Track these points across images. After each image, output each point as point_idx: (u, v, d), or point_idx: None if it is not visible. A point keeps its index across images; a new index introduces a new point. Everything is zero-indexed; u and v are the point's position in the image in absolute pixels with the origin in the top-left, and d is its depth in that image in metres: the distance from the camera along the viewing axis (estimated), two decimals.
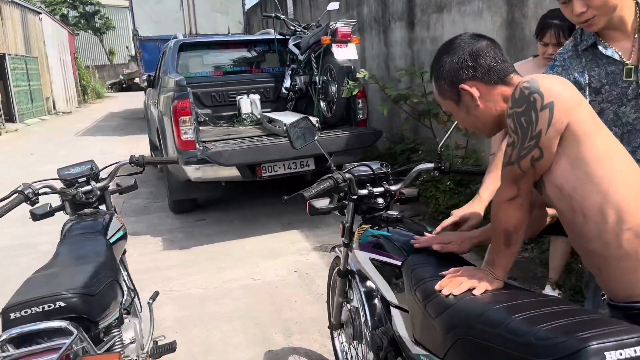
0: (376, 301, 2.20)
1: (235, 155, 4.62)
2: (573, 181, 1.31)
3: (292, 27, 6.25)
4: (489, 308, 1.26)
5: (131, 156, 2.49)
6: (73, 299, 1.56)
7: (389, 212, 1.99)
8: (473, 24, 5.00)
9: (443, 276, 1.49)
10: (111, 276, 1.80)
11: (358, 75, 4.94)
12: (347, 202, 2.13)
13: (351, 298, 2.36)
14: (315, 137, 2.05)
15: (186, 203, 5.76)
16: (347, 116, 5.27)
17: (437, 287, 1.44)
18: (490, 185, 1.84)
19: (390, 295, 1.75)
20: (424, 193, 5.02)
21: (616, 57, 1.84)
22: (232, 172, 4.88)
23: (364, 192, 2.03)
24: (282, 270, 4.13)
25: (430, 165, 2.02)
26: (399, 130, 6.35)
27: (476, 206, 1.78)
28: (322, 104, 5.50)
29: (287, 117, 5.22)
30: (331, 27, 4.93)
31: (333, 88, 5.18)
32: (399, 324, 1.69)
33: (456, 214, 1.76)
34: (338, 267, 2.38)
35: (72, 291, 1.58)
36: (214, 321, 3.39)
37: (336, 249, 2.56)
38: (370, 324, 2.15)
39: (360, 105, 5.30)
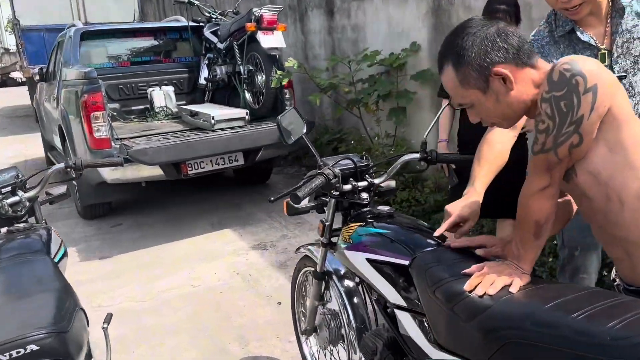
0: (356, 300, 2.08)
1: (161, 152, 4.25)
2: (611, 168, 1.25)
3: (207, 14, 5.89)
4: (539, 307, 1.17)
5: (67, 160, 2.13)
6: (47, 340, 1.25)
7: (378, 207, 1.86)
8: (397, 10, 5.00)
9: (466, 275, 1.39)
10: (76, 304, 1.49)
11: (286, 64, 4.75)
12: (328, 199, 1.97)
13: (327, 300, 2.21)
14: (304, 130, 1.86)
15: (99, 207, 5.24)
16: (274, 107, 5.07)
17: (466, 287, 1.33)
18: (482, 175, 1.75)
19: (395, 297, 1.62)
20: None
21: (592, 42, 1.84)
22: (154, 172, 4.50)
23: (347, 187, 1.88)
24: (222, 274, 3.87)
25: (416, 155, 1.91)
26: (322, 121, 6.25)
27: (472, 200, 1.68)
28: (248, 95, 5.24)
29: (213, 110, 4.91)
30: (255, 13, 4.68)
31: (260, 78, 4.95)
32: (409, 326, 1.57)
33: (454, 214, 1.61)
34: (312, 269, 2.21)
35: (43, 330, 1.26)
36: (157, 337, 3.07)
37: (302, 249, 2.40)
38: (354, 325, 2.02)
39: (287, 96, 5.11)
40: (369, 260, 1.71)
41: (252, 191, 5.98)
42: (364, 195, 1.90)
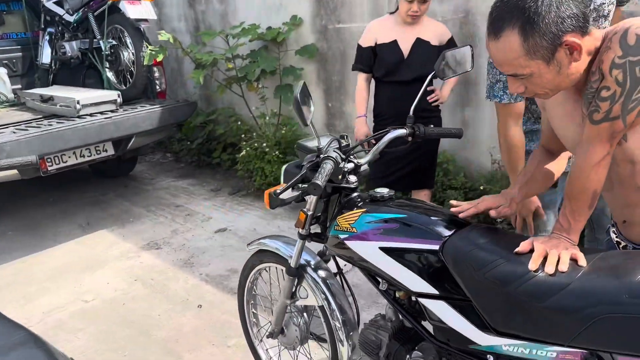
0: (339, 293, 1.91)
1: (22, 146, 3.48)
2: None
3: None
4: (629, 279, 1.13)
5: None
6: None
7: (376, 190, 1.69)
8: None
9: (519, 254, 1.31)
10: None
11: (160, 37, 4.22)
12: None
13: (300, 297, 1.99)
14: (313, 108, 1.58)
15: None
16: (145, 88, 4.51)
17: (531, 267, 1.25)
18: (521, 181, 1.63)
19: (420, 286, 1.48)
20: (246, 166, 4.69)
21: None
22: (5, 172, 3.70)
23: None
24: (117, 282, 3.35)
25: (404, 131, 1.77)
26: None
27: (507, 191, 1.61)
28: (111, 74, 4.57)
29: (76, 93, 4.18)
30: None
31: (126, 55, 4.34)
32: (445, 314, 1.45)
33: (482, 205, 1.56)
34: (272, 265, 1.98)
35: None
36: None
37: (255, 244, 2.14)
38: (340, 318, 1.86)
39: (157, 75, 4.58)
40: (384, 249, 1.54)
41: (116, 184, 5.32)
42: (352, 178, 1.72)
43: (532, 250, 1.31)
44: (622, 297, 1.11)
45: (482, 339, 1.37)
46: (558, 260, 1.25)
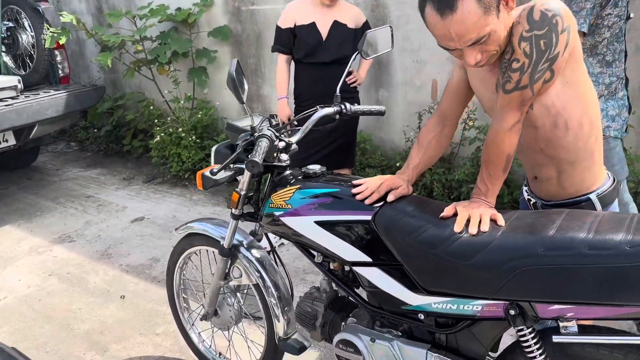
0: (272, 269, 1.95)
1: None
2: (564, 100, 1.41)
3: None
4: (544, 234, 1.26)
5: None
6: None
7: (308, 167, 1.74)
8: None
9: (444, 219, 1.43)
10: None
11: (62, 19, 3.95)
12: (244, 167, 1.75)
13: (233, 277, 2.01)
14: (247, 87, 1.56)
15: None
16: (47, 73, 4.22)
17: (456, 228, 1.37)
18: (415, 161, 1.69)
19: (354, 255, 1.56)
20: (160, 153, 4.56)
21: None
22: None
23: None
24: (31, 278, 3.16)
25: (331, 109, 1.83)
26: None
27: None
28: (7, 58, 4.22)
29: None
30: None
31: (25, 37, 4.03)
32: (379, 279, 1.53)
33: (382, 188, 1.58)
34: (203, 248, 1.98)
35: None
36: None
37: (183, 228, 2.11)
38: (275, 294, 1.90)
39: (59, 59, 4.31)
40: (319, 223, 1.60)
41: (17, 177, 4.97)
42: (284, 156, 1.76)
43: (456, 214, 1.43)
44: (538, 250, 1.24)
45: (413, 299, 1.48)
46: (480, 222, 1.37)
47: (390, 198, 1.55)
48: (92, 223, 3.91)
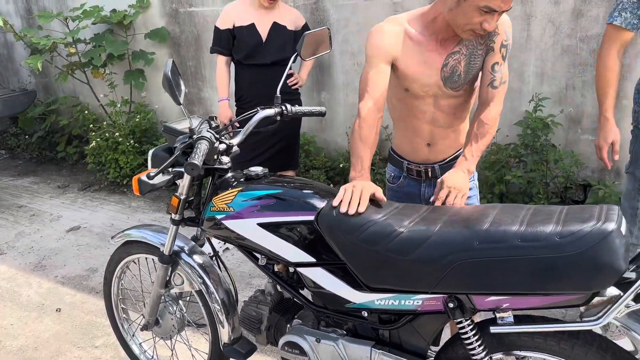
0: (215, 274, 1.92)
1: None
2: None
3: None
4: (478, 228, 1.30)
5: None
6: None
7: (250, 169, 1.72)
8: None
9: (378, 218, 1.45)
10: None
11: None
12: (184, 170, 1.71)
13: (175, 284, 1.96)
14: (184, 88, 1.51)
15: None
16: None
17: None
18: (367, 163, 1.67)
19: (298, 256, 1.56)
20: (96, 159, 4.39)
21: None
22: None
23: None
24: None
25: (272, 110, 1.82)
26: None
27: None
28: None
29: None
30: None
31: None
32: (322, 279, 1.53)
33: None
34: (142, 256, 1.92)
35: None
36: None
37: (120, 236, 2.04)
38: (219, 299, 1.87)
39: None
40: (262, 225, 1.59)
41: None
42: (225, 159, 1.73)
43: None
44: (473, 244, 1.28)
45: (357, 297, 1.49)
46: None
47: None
48: (25, 234, 3.71)
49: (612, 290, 1.19)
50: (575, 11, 2.83)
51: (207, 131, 1.57)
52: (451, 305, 1.33)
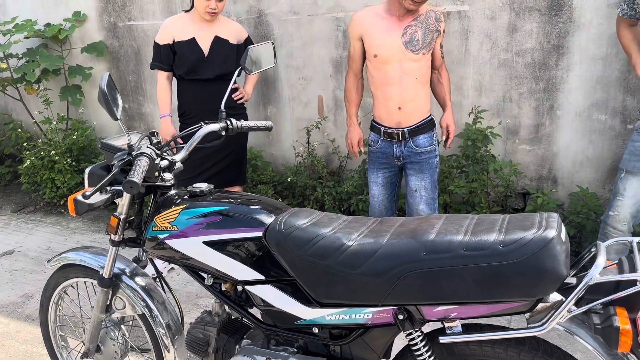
0: (159, 297, 1.85)
1: None
2: None
3: None
4: (425, 238, 1.31)
5: None
6: None
7: (195, 185, 1.66)
8: None
9: (327, 232, 1.44)
10: None
11: None
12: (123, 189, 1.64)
13: (116, 308, 1.87)
14: (121, 102, 1.43)
15: None
16: None
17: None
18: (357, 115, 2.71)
19: (246, 274, 1.52)
20: (31, 178, 4.17)
21: None
22: None
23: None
24: None
25: (216, 125, 1.77)
26: None
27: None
28: None
29: None
30: None
31: None
32: (272, 296, 1.50)
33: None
34: (80, 280, 1.81)
35: None
36: None
37: (57, 260, 1.94)
38: (163, 323, 1.80)
39: None
40: (207, 243, 1.54)
41: None
42: (168, 176, 1.68)
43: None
44: (420, 255, 1.29)
45: (307, 313, 1.47)
46: None
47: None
48: None
49: (555, 296, 1.22)
50: (510, 26, 2.95)
51: (147, 147, 1.51)
52: (401, 317, 1.33)
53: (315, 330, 1.48)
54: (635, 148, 2.29)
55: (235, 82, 1.91)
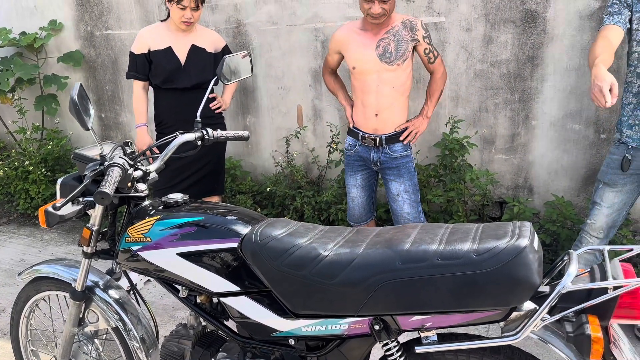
0: (133, 309, 1.81)
1: None
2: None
3: None
4: (400, 248, 1.31)
5: None
6: None
7: (169, 196, 1.64)
8: None
9: (303, 242, 1.43)
10: None
11: None
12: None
13: (89, 322, 1.83)
14: (92, 112, 1.40)
15: None
16: None
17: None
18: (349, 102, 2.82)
19: (221, 285, 1.50)
20: (5, 189, 4.08)
21: None
22: None
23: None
24: None
25: (192, 135, 1.76)
26: None
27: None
28: None
29: None
30: None
31: None
32: (247, 308, 1.48)
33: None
34: (52, 293, 1.77)
35: None
36: None
37: (29, 272, 1.90)
38: (137, 336, 1.77)
39: None
40: (182, 254, 1.52)
41: None
42: (142, 186, 1.65)
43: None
44: (396, 264, 1.28)
45: (283, 325, 1.45)
46: None
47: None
48: None
49: (528, 305, 1.23)
50: (485, 38, 3.00)
51: (120, 157, 1.49)
52: (377, 327, 1.32)
53: (292, 342, 1.47)
54: (612, 161, 2.34)
55: (212, 92, 1.90)
